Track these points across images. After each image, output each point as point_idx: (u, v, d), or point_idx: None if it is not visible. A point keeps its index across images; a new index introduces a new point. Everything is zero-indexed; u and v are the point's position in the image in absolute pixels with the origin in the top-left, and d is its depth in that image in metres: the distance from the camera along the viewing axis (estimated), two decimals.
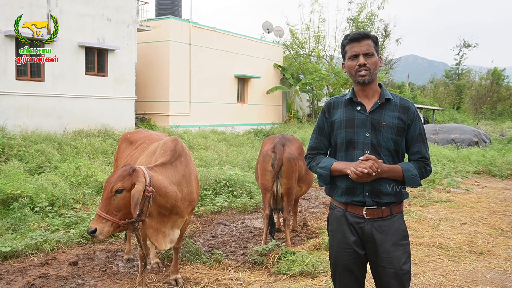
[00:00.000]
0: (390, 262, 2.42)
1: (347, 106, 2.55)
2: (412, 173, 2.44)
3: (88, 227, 3.24)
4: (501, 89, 37.43)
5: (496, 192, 9.25)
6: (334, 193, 2.58)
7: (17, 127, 12.16)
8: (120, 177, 3.28)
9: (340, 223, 2.54)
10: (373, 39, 2.48)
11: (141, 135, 4.89)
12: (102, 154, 11.22)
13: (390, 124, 2.46)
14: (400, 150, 2.51)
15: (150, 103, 18.28)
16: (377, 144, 2.45)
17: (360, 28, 27.86)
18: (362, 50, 2.44)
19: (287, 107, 25.39)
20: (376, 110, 2.48)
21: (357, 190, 2.46)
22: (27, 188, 6.72)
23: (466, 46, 44.64)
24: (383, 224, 2.45)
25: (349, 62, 2.50)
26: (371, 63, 2.45)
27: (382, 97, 2.50)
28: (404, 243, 2.48)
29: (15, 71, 12.62)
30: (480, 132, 17.31)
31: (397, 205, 2.51)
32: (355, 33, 2.51)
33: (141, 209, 3.34)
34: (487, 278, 4.47)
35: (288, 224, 5.56)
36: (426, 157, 2.52)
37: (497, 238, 5.91)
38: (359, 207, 2.47)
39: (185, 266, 4.72)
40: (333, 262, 2.61)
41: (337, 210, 2.57)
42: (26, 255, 4.95)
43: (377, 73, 2.53)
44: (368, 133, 2.46)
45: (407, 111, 2.50)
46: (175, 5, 20.62)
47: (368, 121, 2.47)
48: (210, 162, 11.03)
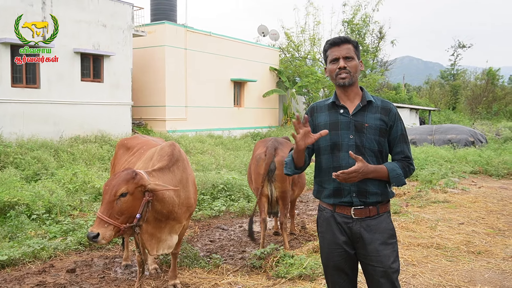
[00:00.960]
0: (379, 260, 2.47)
1: (331, 110, 2.62)
2: (397, 172, 2.49)
3: (88, 232, 3.14)
4: (496, 89, 37.63)
5: (493, 192, 9.27)
6: (321, 195, 2.63)
7: (13, 135, 12.13)
8: (124, 180, 3.24)
9: (329, 224, 2.59)
10: (353, 44, 2.56)
11: (138, 141, 4.88)
12: (99, 160, 11.19)
13: (373, 126, 2.52)
14: (384, 150, 2.58)
15: (146, 108, 18.27)
16: (361, 145, 2.51)
17: (355, 30, 27.99)
18: (342, 54, 2.52)
19: (283, 110, 25.43)
20: (358, 112, 2.55)
21: (344, 191, 2.52)
22: (24, 195, 6.69)
23: (461, 47, 44.89)
24: (371, 223, 2.51)
25: (330, 65, 2.58)
26: (351, 66, 2.52)
27: (363, 99, 2.57)
28: (392, 241, 2.53)
29: (11, 78, 12.60)
30: (476, 132, 17.38)
31: (383, 205, 2.57)
32: (335, 38, 2.60)
33: (141, 213, 3.33)
34: (485, 278, 4.48)
35: (286, 227, 5.55)
36: (409, 156, 2.58)
37: (494, 237, 5.93)
38: (347, 207, 2.53)
39: (183, 271, 4.71)
40: (324, 263, 2.66)
41: (325, 212, 2.62)
42: (23, 263, 4.92)
43: (358, 76, 2.60)
44: (352, 135, 2.52)
45: (388, 113, 2.57)
46: (170, 10, 20.66)
47: (351, 123, 2.53)
48: (207, 167, 11.02)
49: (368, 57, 27.60)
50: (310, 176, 10.46)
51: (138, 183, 3.28)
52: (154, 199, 3.44)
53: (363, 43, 28.06)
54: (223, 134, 19.28)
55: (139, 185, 3.28)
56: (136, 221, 3.30)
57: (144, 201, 3.32)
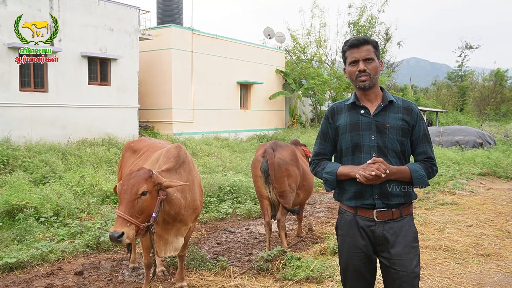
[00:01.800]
0: (402, 264, 2.42)
1: (351, 111, 2.57)
2: (420, 173, 2.45)
3: (111, 232, 3.03)
4: (504, 90, 37.31)
5: (502, 194, 9.19)
6: (342, 198, 2.58)
7: (21, 138, 12.22)
8: (143, 179, 3.23)
9: (350, 227, 2.54)
10: (373, 44, 2.51)
11: (145, 143, 4.90)
12: (106, 163, 11.25)
13: (395, 126, 2.48)
14: (406, 151, 2.53)
15: (153, 111, 18.34)
16: (383, 146, 2.47)
17: (361, 32, 27.91)
18: (362, 56, 2.47)
19: (289, 112, 25.41)
20: (379, 112, 2.51)
21: (366, 193, 2.47)
22: (32, 198, 6.74)
23: (468, 47, 44.61)
24: (394, 226, 2.46)
25: (350, 68, 2.53)
26: (371, 68, 2.47)
27: (385, 99, 2.53)
28: (415, 245, 2.49)
29: (19, 82, 12.71)
30: (484, 133, 17.26)
31: (406, 207, 2.52)
32: (354, 39, 2.53)
33: (157, 212, 3.34)
34: (495, 281, 4.44)
35: (283, 225, 5.45)
36: (431, 157, 2.53)
37: (504, 240, 5.87)
38: (369, 210, 2.48)
39: (190, 274, 4.71)
40: (343, 267, 2.61)
41: (346, 215, 2.58)
42: (31, 266, 4.95)
43: (378, 78, 2.55)
44: (373, 136, 2.48)
45: (410, 112, 2.52)
46: (176, 13, 20.74)
47: (372, 124, 2.49)
48: (214, 169, 11.03)
49: None
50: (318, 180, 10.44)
51: (155, 181, 3.29)
52: (164, 199, 3.45)
53: None
54: (229, 137, 19.29)
55: (156, 183, 3.30)
56: (153, 220, 3.30)
57: (159, 200, 3.34)
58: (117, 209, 3.18)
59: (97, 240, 5.66)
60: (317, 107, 26.30)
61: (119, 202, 3.20)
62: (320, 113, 26.81)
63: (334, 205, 8.52)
